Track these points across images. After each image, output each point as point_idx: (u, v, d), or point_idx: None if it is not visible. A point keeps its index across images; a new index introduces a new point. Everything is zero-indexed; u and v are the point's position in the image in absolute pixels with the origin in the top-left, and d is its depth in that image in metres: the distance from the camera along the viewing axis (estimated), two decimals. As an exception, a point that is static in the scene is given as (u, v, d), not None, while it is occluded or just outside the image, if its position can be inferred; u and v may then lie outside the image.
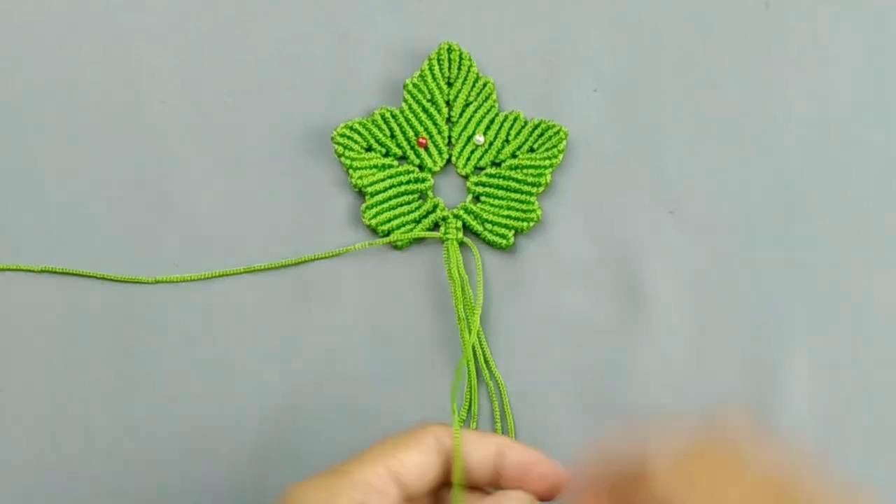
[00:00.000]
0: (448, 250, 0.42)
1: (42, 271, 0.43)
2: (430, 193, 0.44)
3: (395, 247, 0.43)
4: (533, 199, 0.43)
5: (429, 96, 0.44)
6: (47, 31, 0.46)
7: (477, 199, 0.44)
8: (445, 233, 0.43)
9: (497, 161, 0.44)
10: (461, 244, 0.43)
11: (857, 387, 0.41)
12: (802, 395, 0.41)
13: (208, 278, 0.43)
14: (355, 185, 0.43)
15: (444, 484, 0.32)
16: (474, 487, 0.32)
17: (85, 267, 0.43)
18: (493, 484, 0.32)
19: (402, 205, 0.43)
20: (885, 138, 0.44)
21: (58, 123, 0.45)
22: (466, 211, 0.43)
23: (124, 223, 0.43)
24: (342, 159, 0.43)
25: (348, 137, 0.43)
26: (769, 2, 0.45)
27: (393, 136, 0.44)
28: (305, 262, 0.43)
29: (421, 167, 0.44)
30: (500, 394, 0.41)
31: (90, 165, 0.44)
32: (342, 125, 0.43)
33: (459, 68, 0.44)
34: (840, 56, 0.45)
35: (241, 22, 0.46)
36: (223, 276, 0.43)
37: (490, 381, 0.41)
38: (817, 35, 0.45)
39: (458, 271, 0.42)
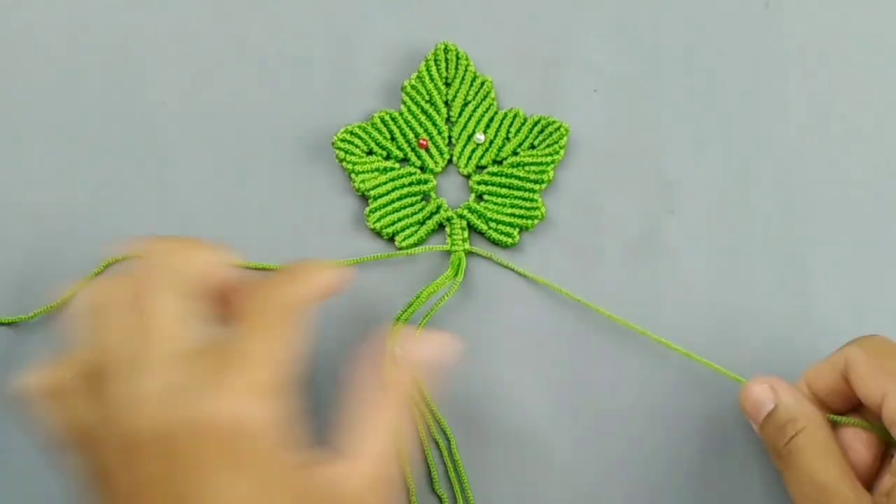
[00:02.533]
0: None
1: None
2: (433, 194, 0.44)
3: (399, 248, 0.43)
4: (536, 195, 0.43)
5: (427, 97, 0.44)
6: (48, 31, 0.46)
7: (480, 198, 0.44)
8: (452, 244, 0.43)
9: (498, 159, 0.44)
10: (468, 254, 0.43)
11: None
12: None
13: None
14: (358, 190, 0.43)
15: None
16: None
17: (83, 269, 0.43)
18: None
19: (405, 207, 0.43)
20: (886, 138, 0.44)
21: (57, 124, 0.45)
22: (470, 210, 0.43)
23: (123, 225, 0.43)
24: (344, 164, 0.43)
25: (349, 142, 0.43)
26: (769, 2, 0.46)
27: (393, 139, 0.44)
28: None
29: (423, 168, 0.44)
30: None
31: (90, 166, 0.44)
32: (342, 130, 0.43)
33: (457, 68, 0.44)
34: (840, 56, 0.45)
35: (241, 22, 0.46)
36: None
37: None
38: (817, 35, 0.45)
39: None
